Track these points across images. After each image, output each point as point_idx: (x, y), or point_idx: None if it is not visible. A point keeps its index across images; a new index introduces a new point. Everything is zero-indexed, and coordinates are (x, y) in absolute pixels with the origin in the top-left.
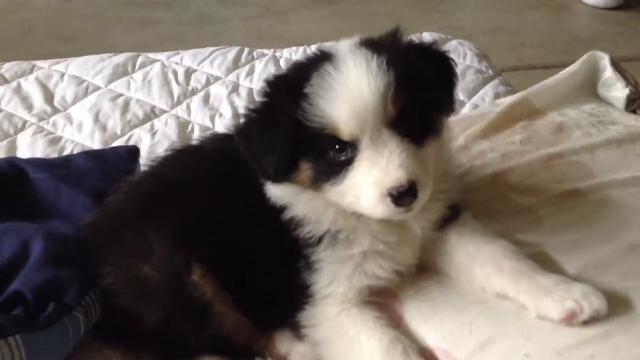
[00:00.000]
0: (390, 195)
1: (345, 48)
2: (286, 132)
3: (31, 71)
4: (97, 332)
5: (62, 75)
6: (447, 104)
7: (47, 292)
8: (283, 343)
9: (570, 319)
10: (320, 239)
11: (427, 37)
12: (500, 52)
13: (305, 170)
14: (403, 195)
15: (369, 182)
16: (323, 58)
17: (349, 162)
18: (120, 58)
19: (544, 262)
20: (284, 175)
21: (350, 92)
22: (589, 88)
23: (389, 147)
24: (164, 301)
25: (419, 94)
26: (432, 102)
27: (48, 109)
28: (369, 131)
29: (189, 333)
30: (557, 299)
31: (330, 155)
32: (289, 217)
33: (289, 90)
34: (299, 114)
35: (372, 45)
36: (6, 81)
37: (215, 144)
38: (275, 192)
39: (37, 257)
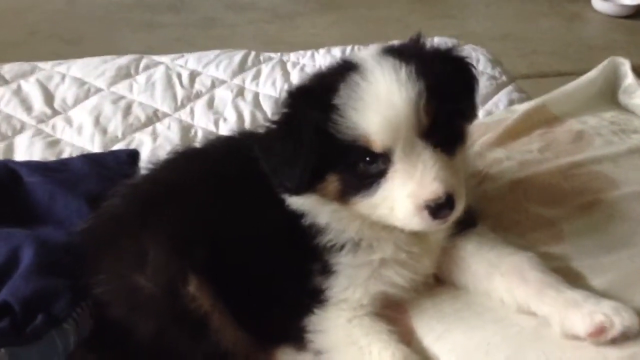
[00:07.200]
0: (428, 208)
1: (369, 57)
2: (310, 143)
3: (32, 72)
4: (88, 344)
5: (64, 76)
6: (471, 111)
7: (35, 302)
8: (284, 357)
9: (598, 334)
10: (342, 246)
11: (438, 42)
12: (512, 59)
13: (333, 182)
14: (441, 208)
15: (404, 194)
16: (348, 68)
17: (381, 174)
18: (123, 60)
19: (569, 277)
20: (307, 187)
21: (382, 102)
22: (609, 95)
23: (422, 159)
24: (158, 313)
25: (448, 102)
26: (458, 110)
27: (48, 110)
28: (401, 142)
29: (185, 348)
30: (585, 312)
31: (360, 168)
32: (308, 224)
33: (315, 101)
34: (329, 126)
35: (396, 53)
36: (6, 82)
37: (219, 146)
38: (295, 200)
39: (26, 265)
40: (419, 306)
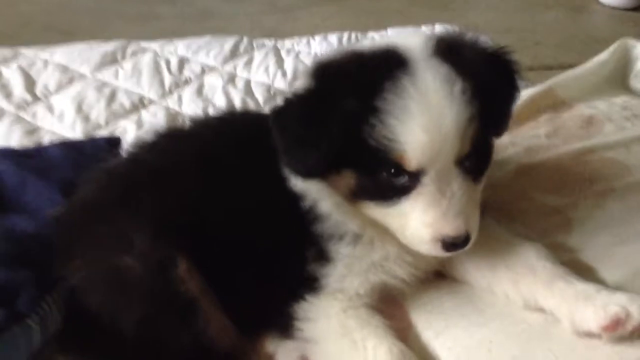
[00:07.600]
0: (443, 241)
1: (418, 51)
2: (335, 133)
3: (14, 58)
4: (57, 343)
5: (46, 62)
6: (505, 124)
7: None
8: (270, 342)
9: (614, 328)
10: (342, 236)
11: (440, 30)
12: (515, 51)
13: (347, 179)
14: (457, 245)
15: (423, 221)
16: (394, 61)
17: (405, 191)
18: (109, 46)
19: (579, 270)
20: (318, 175)
21: (431, 122)
22: (620, 79)
23: (451, 187)
24: (146, 296)
25: (490, 120)
26: (493, 124)
27: (28, 97)
28: (438, 166)
29: (173, 334)
30: (598, 305)
31: (383, 177)
32: (307, 209)
33: (352, 90)
34: (362, 126)
35: (448, 54)
36: None
37: (206, 126)
38: (299, 182)
39: None
40: (418, 300)
